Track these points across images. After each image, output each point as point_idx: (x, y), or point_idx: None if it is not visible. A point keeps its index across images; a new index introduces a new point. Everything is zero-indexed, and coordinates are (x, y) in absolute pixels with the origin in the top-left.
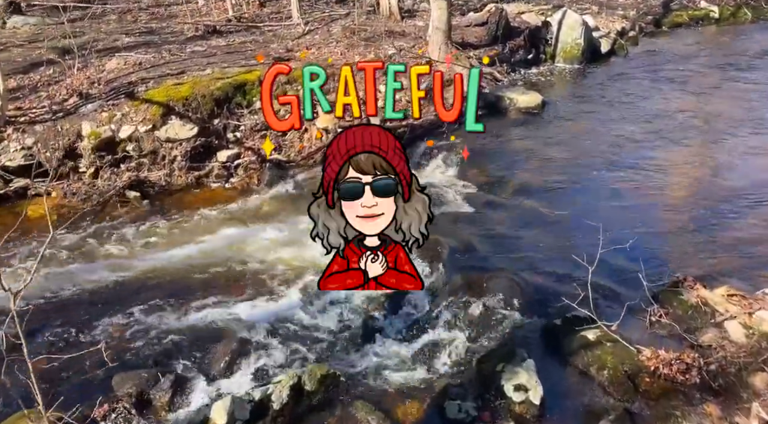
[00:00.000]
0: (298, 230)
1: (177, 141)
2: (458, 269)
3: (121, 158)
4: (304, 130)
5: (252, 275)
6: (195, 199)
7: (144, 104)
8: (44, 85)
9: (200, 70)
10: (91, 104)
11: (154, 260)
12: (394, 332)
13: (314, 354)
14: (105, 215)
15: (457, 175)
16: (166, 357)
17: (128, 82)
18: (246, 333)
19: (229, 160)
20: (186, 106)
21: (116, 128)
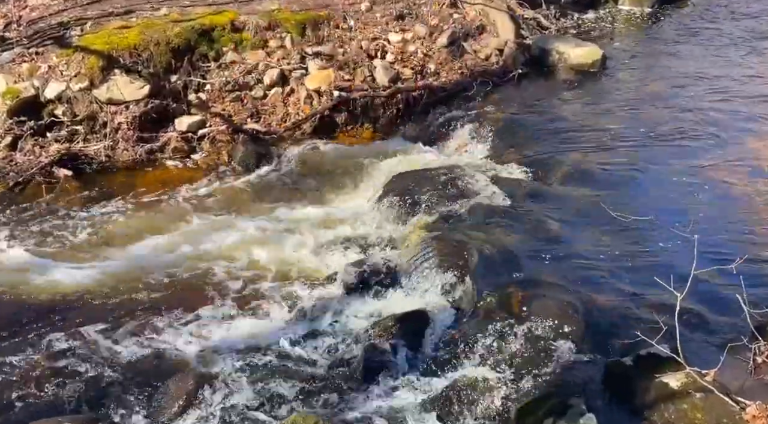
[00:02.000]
0: (281, 226)
1: (122, 103)
2: (492, 283)
3: (47, 125)
4: (290, 91)
5: (218, 286)
6: (145, 181)
7: (78, 54)
8: None
9: (153, 10)
10: (7, 52)
11: (87, 264)
12: (405, 367)
13: (299, 397)
14: (24, 200)
15: (488, 155)
16: (100, 398)
17: (58, 22)
18: (207, 366)
19: (190, 129)
20: (134, 57)
21: (41, 85)
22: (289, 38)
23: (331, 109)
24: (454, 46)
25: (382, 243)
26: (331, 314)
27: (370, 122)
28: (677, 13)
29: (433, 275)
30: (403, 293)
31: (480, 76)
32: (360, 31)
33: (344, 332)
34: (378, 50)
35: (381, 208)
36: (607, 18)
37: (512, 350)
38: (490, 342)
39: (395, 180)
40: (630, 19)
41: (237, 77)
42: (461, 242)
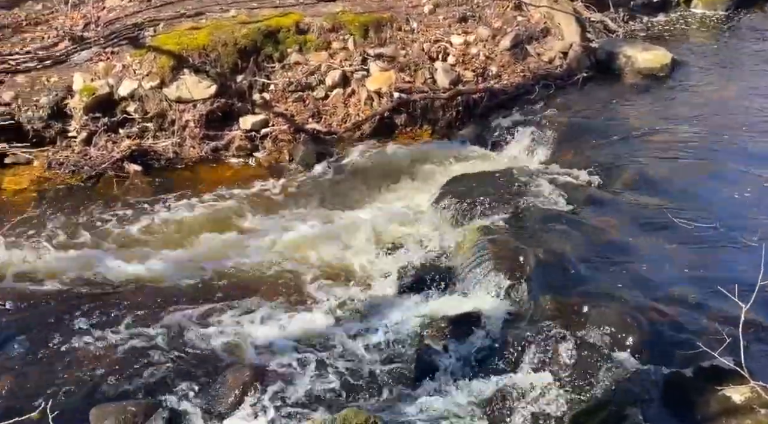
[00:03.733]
0: (338, 225)
1: (190, 102)
2: (548, 289)
3: (120, 121)
4: (351, 92)
5: (275, 282)
6: (210, 177)
7: (150, 53)
8: (31, 24)
9: (222, 12)
10: (86, 51)
11: (153, 256)
12: (456, 369)
13: (350, 393)
14: (97, 193)
15: (549, 159)
16: (160, 385)
17: (132, 23)
18: (263, 358)
19: (254, 128)
20: (203, 57)
21: (115, 83)
22: (351, 40)
23: (391, 110)
24: (517, 49)
25: (438, 244)
26: (385, 314)
27: (429, 124)
28: (753, 17)
29: (489, 278)
30: (457, 295)
31: (543, 79)
32: (422, 33)
33: (397, 332)
34: (439, 52)
35: (438, 210)
36: (678, 21)
37: (567, 358)
38: (545, 348)
39: (453, 182)
40: (703, 22)
41: (300, 78)
42: (518, 246)
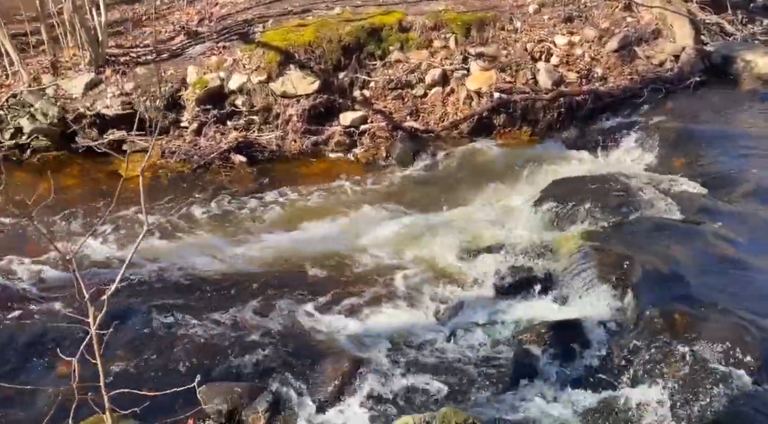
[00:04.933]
0: (434, 223)
1: (294, 97)
2: (656, 299)
3: (228, 114)
4: (450, 91)
5: (371, 276)
6: (309, 171)
7: (259, 49)
8: (150, 19)
9: (328, 9)
10: (200, 45)
11: (256, 244)
12: (556, 376)
13: (447, 392)
14: (205, 181)
15: (657, 166)
16: (264, 369)
17: (243, 20)
18: (361, 351)
19: (353, 124)
20: (308, 54)
21: (225, 77)
22: (453, 39)
23: (490, 110)
24: (624, 51)
25: (537, 248)
26: (482, 315)
27: (528, 125)
28: None
29: (591, 285)
30: (556, 301)
31: (652, 82)
32: (525, 32)
33: (494, 334)
34: (543, 53)
35: (537, 213)
36: None
37: (675, 373)
38: (651, 362)
39: (554, 185)
40: None
41: (400, 76)
42: (623, 254)
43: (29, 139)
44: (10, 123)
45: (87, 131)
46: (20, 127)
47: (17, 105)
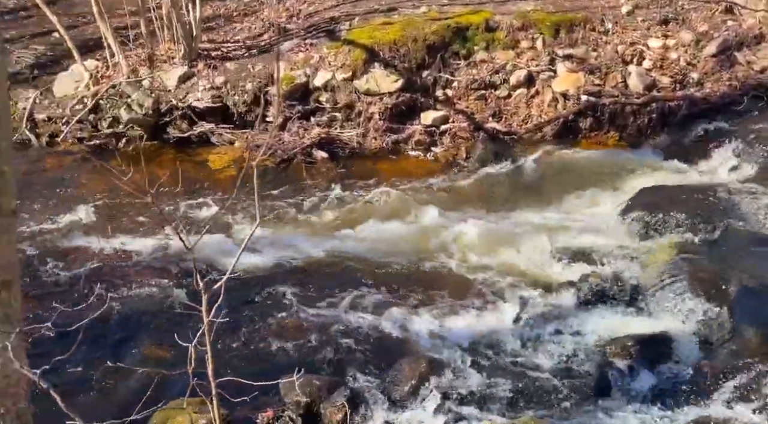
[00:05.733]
0: (514, 227)
1: (377, 95)
2: (753, 318)
3: (312, 110)
4: (535, 92)
5: (450, 277)
6: (388, 169)
7: (345, 46)
8: (241, 15)
9: (414, 8)
10: (288, 42)
11: (336, 240)
12: (641, 392)
13: (525, 399)
14: (287, 176)
15: (756, 177)
16: (341, 364)
17: (330, 17)
18: (438, 353)
19: (434, 124)
20: (393, 52)
21: (311, 74)
22: (540, 39)
23: (577, 113)
24: (723, 56)
25: (624, 258)
26: (563, 323)
27: (616, 130)
28: None
29: (682, 299)
30: (643, 313)
31: (752, 89)
32: (617, 34)
33: (575, 344)
34: (634, 56)
35: (625, 222)
36: None
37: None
38: (746, 383)
39: (644, 193)
40: None
41: (484, 76)
42: (717, 268)
43: (125, 128)
44: (109, 112)
45: (178, 123)
46: (117, 116)
47: (116, 95)
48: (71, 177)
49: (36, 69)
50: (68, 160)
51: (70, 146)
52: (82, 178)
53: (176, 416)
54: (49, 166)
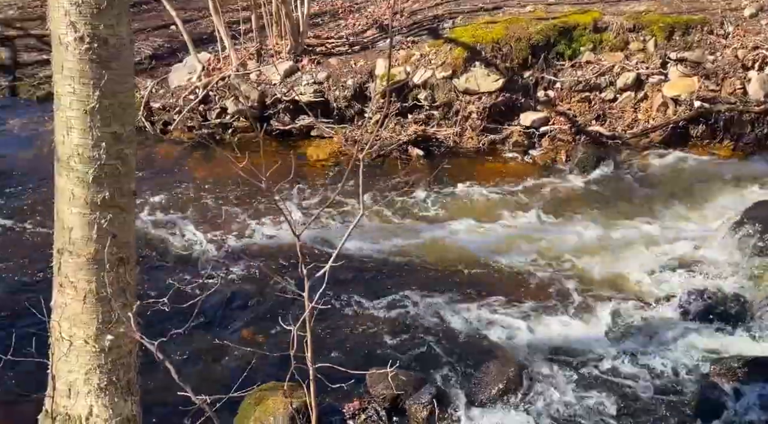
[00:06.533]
0: (614, 235)
1: (476, 94)
2: None
3: (410, 108)
4: (643, 96)
5: (544, 282)
6: (484, 169)
7: (447, 45)
8: (346, 11)
9: (520, 7)
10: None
11: (429, 237)
12: (750, 418)
13: (617, 415)
14: (382, 171)
15: None
16: (428, 361)
17: (433, 15)
18: (528, 358)
19: (533, 125)
20: (495, 51)
21: (411, 71)
22: (652, 42)
23: (688, 120)
24: None
25: (732, 274)
26: (663, 338)
27: (731, 139)
28: None
29: None
30: (753, 333)
31: None
32: (738, 38)
33: (676, 361)
34: (757, 61)
35: (736, 235)
36: None
37: None
38: None
39: (758, 207)
40: None
41: (589, 78)
42: None
43: (232, 119)
44: (217, 103)
45: (281, 116)
46: (225, 107)
47: (225, 87)
48: (181, 164)
49: (154, 60)
50: (179, 147)
51: (180, 134)
52: (192, 165)
53: (270, 397)
54: (161, 152)
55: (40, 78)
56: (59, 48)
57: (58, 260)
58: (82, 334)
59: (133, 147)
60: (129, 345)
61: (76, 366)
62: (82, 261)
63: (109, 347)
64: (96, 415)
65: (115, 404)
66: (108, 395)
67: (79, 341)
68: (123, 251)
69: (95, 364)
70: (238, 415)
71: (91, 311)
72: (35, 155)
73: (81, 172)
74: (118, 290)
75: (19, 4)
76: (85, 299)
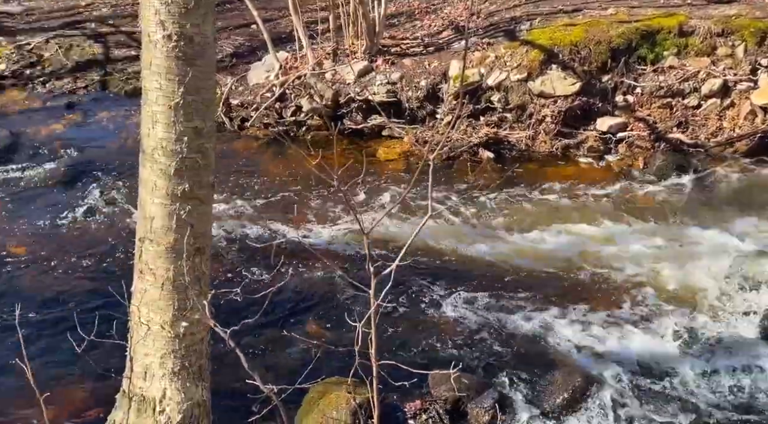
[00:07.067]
0: (692, 247)
1: (551, 97)
2: None
3: (482, 110)
4: (730, 104)
5: (614, 291)
6: (556, 174)
7: (523, 47)
8: (422, 12)
9: (601, 9)
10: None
11: (497, 240)
12: None
13: None
14: (452, 173)
15: None
16: (492, 366)
17: (510, 17)
18: (595, 368)
19: (610, 130)
20: (572, 54)
21: (485, 73)
22: (741, 47)
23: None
24: None
25: None
26: (741, 357)
27: None
28: None
29: None
30: None
31: None
32: None
33: (755, 382)
34: None
35: None
36: None
37: None
38: None
39: None
40: None
41: (672, 83)
42: None
43: (306, 117)
44: (293, 101)
45: (353, 115)
46: (300, 106)
47: (300, 86)
48: (256, 159)
49: (234, 58)
50: (254, 143)
51: (256, 131)
52: (266, 161)
53: (333, 392)
54: (238, 147)
55: (129, 73)
56: (148, 45)
57: (139, 248)
58: (158, 319)
59: (212, 142)
60: (202, 332)
61: (152, 350)
62: (161, 249)
63: (183, 334)
64: (169, 398)
65: (187, 388)
66: (180, 380)
67: (156, 326)
68: (200, 241)
69: (170, 349)
70: (302, 407)
71: (167, 298)
72: (121, 146)
73: (164, 164)
74: (194, 279)
75: (113, 2)
76: (162, 285)
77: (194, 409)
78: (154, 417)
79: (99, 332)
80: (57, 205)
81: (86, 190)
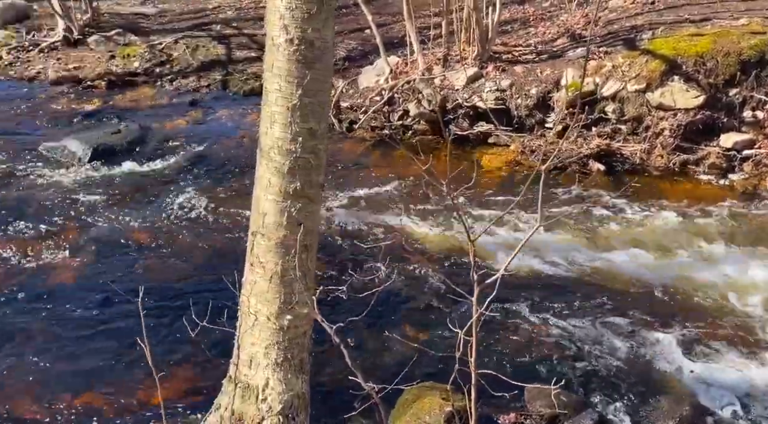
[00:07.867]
0: None
1: (671, 110)
2: None
3: (595, 120)
4: None
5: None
6: (672, 191)
7: (643, 56)
8: (537, 19)
9: (732, 19)
10: (581, 49)
11: (606, 255)
12: None
13: None
14: (559, 184)
15: None
16: (592, 385)
17: (631, 25)
18: (704, 398)
19: (735, 147)
20: (697, 65)
21: (601, 82)
22: None
23: None
24: None
25: None
26: None
27: None
28: None
29: None
30: None
31: None
32: None
33: None
34: None
35: None
36: None
37: None
38: None
39: None
40: None
41: None
42: None
43: (413, 122)
44: (401, 106)
45: (460, 121)
46: (407, 110)
47: (409, 90)
48: (363, 161)
49: (347, 61)
50: (361, 146)
51: (363, 133)
52: (373, 163)
53: (428, 396)
54: (346, 149)
55: (248, 74)
56: (271, 48)
57: (251, 241)
58: (265, 311)
59: (325, 143)
60: (305, 326)
61: (258, 340)
62: (271, 244)
63: (287, 326)
64: (271, 387)
65: (288, 379)
66: (283, 371)
67: (263, 317)
68: (308, 238)
69: (274, 340)
70: (395, 408)
71: (275, 291)
72: (237, 144)
73: (278, 162)
74: (300, 275)
75: (237, 5)
76: (271, 279)
77: (294, 400)
78: (257, 405)
79: (211, 319)
80: (177, 195)
81: (204, 184)
